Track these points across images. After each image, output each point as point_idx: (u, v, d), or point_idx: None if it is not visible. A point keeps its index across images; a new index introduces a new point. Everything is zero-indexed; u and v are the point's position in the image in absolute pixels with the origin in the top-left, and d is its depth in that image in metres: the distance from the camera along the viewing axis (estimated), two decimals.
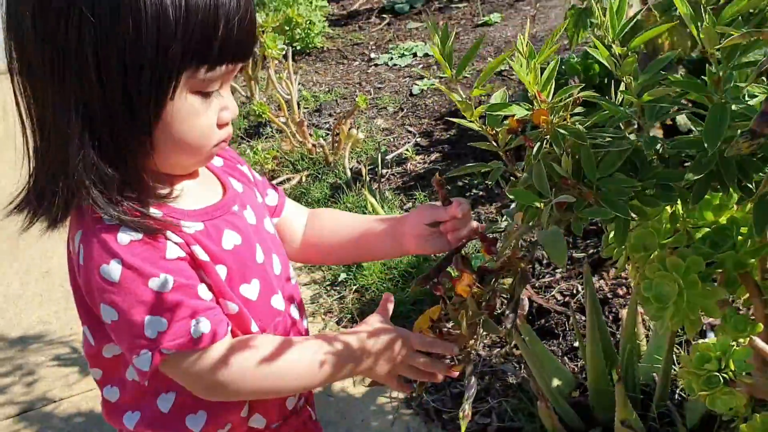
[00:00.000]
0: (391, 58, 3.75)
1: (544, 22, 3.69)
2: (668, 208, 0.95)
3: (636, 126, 0.79)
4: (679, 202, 0.93)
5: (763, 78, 0.62)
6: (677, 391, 1.39)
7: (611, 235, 1.00)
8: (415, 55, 3.75)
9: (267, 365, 0.79)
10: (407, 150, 2.73)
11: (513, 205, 0.85)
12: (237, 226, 0.85)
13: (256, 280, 0.85)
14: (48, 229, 0.79)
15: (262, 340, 0.82)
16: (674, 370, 1.32)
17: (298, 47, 4.02)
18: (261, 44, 2.81)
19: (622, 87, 0.78)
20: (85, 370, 1.88)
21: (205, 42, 0.71)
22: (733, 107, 0.69)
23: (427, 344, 0.85)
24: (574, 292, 1.76)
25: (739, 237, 0.93)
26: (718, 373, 0.85)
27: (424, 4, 4.61)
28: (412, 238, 0.94)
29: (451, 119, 1.16)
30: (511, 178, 0.89)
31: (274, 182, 2.05)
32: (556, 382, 1.46)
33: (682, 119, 1.88)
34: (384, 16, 4.55)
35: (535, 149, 0.76)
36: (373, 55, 3.90)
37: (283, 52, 2.80)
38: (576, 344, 1.61)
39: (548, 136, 0.75)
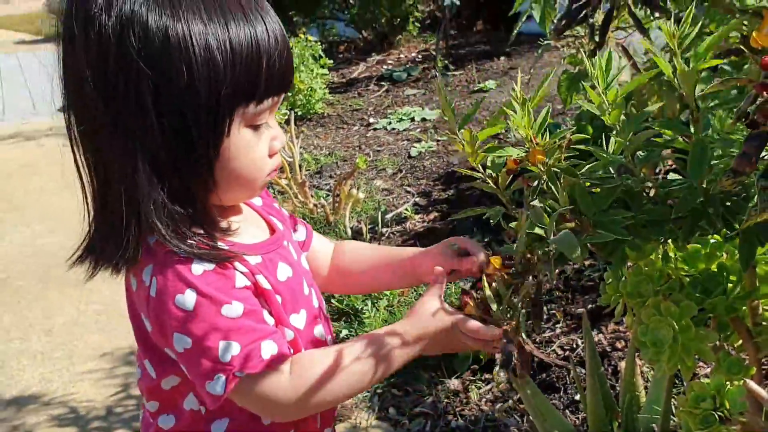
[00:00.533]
0: (390, 123, 3.86)
1: (560, 66, 3.81)
2: (660, 255, 1.00)
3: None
4: (670, 246, 0.99)
5: (743, 119, 0.67)
6: None
7: (609, 282, 1.04)
8: (412, 119, 3.86)
9: (335, 371, 0.82)
10: (406, 209, 2.79)
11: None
12: (288, 260, 0.90)
13: (303, 311, 0.90)
14: (112, 274, 0.83)
15: (321, 352, 0.85)
16: (672, 420, 1.34)
17: (300, 113, 4.14)
18: None
19: (612, 139, 0.84)
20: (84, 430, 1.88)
21: (251, 79, 0.77)
22: (712, 146, 0.75)
23: (474, 331, 0.86)
24: (574, 346, 1.79)
25: (729, 284, 0.98)
26: (714, 412, 0.87)
27: (421, 72, 4.77)
28: (428, 273, 0.98)
29: (457, 169, 1.23)
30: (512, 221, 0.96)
31: None
32: None
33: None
34: (382, 83, 4.69)
35: (532, 189, 0.82)
36: (371, 120, 4.01)
37: (286, 117, 2.90)
38: (577, 397, 1.62)
39: (545, 176, 0.80)
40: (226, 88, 0.75)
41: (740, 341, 0.99)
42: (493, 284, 0.90)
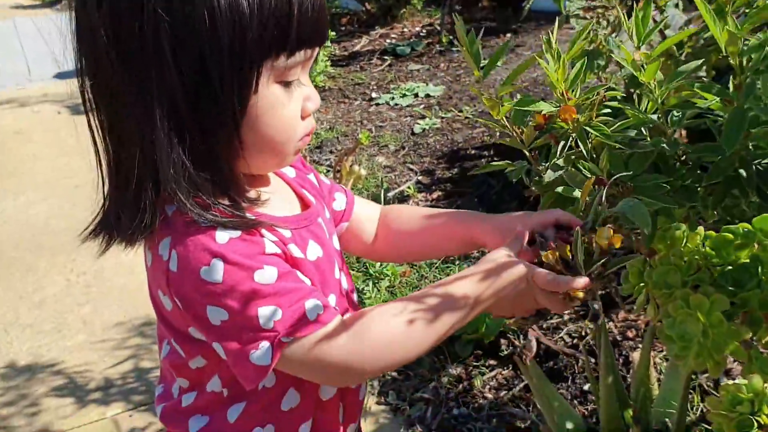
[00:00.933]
0: (393, 98, 3.77)
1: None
2: (690, 243, 0.94)
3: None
4: (698, 233, 0.93)
5: None
6: None
7: (632, 270, 0.98)
8: (416, 95, 3.78)
9: (394, 326, 0.75)
10: (409, 187, 2.72)
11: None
12: (320, 238, 0.83)
13: (333, 295, 0.83)
14: (126, 248, 0.76)
15: (379, 307, 0.77)
16: (689, 415, 1.29)
17: None
18: None
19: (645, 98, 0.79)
20: (82, 401, 1.83)
21: (281, 28, 0.69)
22: (752, 113, 0.69)
23: (552, 284, 0.78)
24: (583, 334, 1.73)
25: (763, 277, 0.92)
26: (751, 416, 0.81)
27: (425, 47, 4.67)
28: (494, 236, 0.89)
29: (481, 121, 1.17)
30: (536, 178, 0.89)
31: None
32: (568, 426, 1.42)
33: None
34: (385, 57, 4.60)
35: (560, 147, 0.77)
36: (374, 95, 3.92)
37: None
38: (585, 387, 1.57)
39: (574, 134, 0.75)
40: (253, 36, 0.67)
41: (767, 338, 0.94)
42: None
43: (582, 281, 0.79)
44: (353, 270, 2.17)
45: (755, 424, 0.81)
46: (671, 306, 0.92)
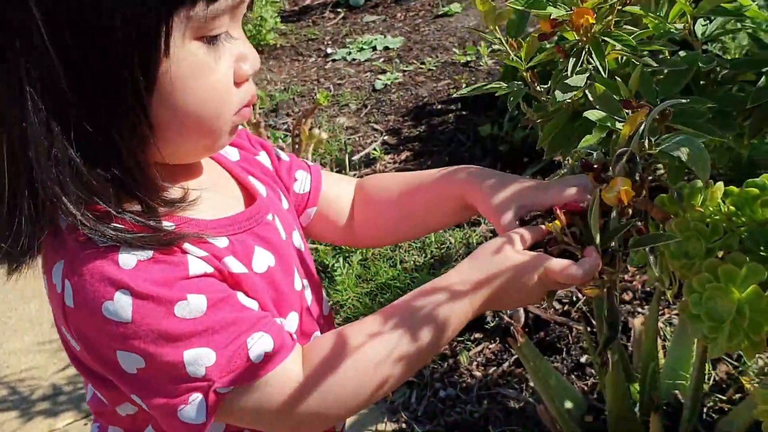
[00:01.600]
0: (350, 53, 3.56)
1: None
2: (710, 203, 0.80)
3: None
4: (717, 189, 0.80)
5: None
6: (704, 411, 1.24)
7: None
8: (374, 48, 3.57)
9: (365, 361, 0.59)
10: (375, 149, 2.54)
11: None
12: (270, 242, 0.65)
13: (293, 314, 0.66)
14: (9, 276, 0.57)
15: (341, 333, 0.61)
16: (704, 387, 1.17)
17: None
18: None
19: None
20: (28, 413, 1.65)
21: None
22: None
23: (570, 277, 0.64)
24: (574, 299, 1.60)
25: None
26: None
27: None
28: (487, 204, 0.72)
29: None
30: (534, 102, 0.74)
31: None
32: (567, 405, 1.30)
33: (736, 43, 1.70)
34: (338, 10, 4.36)
35: (570, 65, 0.61)
36: (329, 51, 3.70)
37: None
38: (583, 360, 1.44)
39: (587, 46, 0.61)
40: None
41: None
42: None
43: (592, 262, 0.64)
44: (319, 245, 2.00)
45: None
46: (696, 279, 0.78)
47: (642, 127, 0.58)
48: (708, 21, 0.69)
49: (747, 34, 0.70)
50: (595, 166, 0.65)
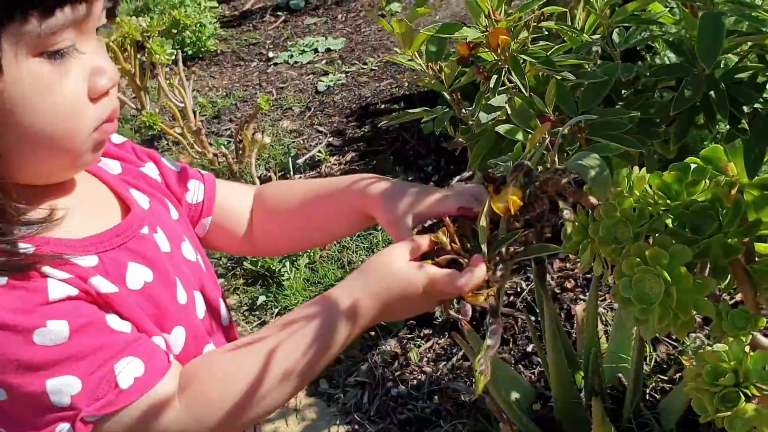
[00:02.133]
0: (291, 56, 3.54)
1: (446, 9, 3.57)
2: (636, 189, 0.82)
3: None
4: (641, 174, 0.82)
5: None
6: (647, 392, 1.27)
7: (575, 224, 0.86)
8: (316, 51, 3.56)
9: (241, 383, 0.58)
10: (320, 151, 2.53)
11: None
12: (146, 256, 0.63)
13: (180, 329, 0.64)
14: None
15: (225, 353, 0.60)
16: (645, 369, 1.19)
17: (190, 52, 3.74)
18: (148, 51, 2.54)
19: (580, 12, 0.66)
20: None
21: None
22: (728, 21, 0.57)
23: (453, 287, 0.64)
24: (519, 290, 1.61)
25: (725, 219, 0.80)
26: (736, 388, 0.70)
27: None
28: (384, 214, 0.72)
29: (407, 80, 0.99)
30: (462, 126, 0.74)
31: None
32: (514, 395, 1.31)
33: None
34: (279, 13, 4.32)
35: (492, 82, 0.62)
36: (271, 54, 3.67)
37: (173, 58, 2.54)
38: (529, 349, 1.46)
39: (506, 66, 0.62)
40: None
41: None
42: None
43: (477, 272, 0.64)
44: None
45: (742, 397, 0.69)
46: (625, 263, 0.79)
47: (547, 141, 0.59)
48: (625, 30, 0.71)
49: (663, 41, 0.72)
50: (496, 177, 0.66)
